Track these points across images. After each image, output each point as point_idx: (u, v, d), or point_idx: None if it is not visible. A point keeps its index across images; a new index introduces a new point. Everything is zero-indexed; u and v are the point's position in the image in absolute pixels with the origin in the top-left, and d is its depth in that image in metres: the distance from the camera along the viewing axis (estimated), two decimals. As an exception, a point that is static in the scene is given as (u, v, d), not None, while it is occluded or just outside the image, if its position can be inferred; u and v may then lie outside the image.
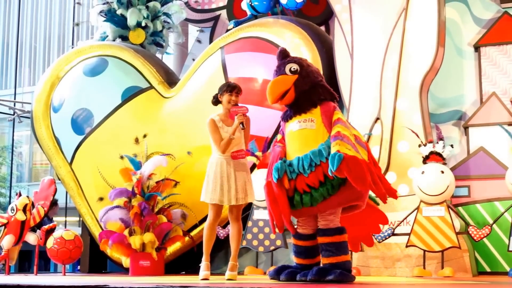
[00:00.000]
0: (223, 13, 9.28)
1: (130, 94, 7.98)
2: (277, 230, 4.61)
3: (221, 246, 7.24)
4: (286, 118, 4.70)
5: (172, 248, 7.36)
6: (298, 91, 4.59)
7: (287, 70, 4.65)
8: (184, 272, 7.80)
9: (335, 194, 4.39)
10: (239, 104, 5.30)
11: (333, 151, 4.32)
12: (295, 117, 4.62)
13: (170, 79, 8.27)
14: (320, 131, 4.54)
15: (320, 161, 4.39)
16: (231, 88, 5.33)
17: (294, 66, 4.66)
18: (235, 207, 5.27)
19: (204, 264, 5.25)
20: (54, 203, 8.03)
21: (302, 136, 4.56)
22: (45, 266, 10.81)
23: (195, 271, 7.72)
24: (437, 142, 6.46)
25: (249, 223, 6.98)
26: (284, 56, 4.76)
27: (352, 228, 4.74)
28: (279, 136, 4.80)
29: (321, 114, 4.58)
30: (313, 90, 4.64)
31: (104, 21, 8.97)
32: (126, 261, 7.16)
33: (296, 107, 4.61)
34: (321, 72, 4.86)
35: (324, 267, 4.44)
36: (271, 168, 4.59)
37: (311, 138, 4.53)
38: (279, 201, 4.49)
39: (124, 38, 8.88)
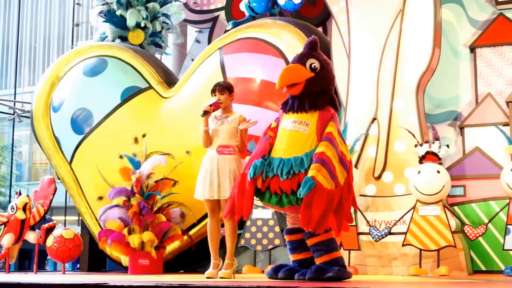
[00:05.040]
0: (222, 14, 9.30)
1: (130, 94, 8.02)
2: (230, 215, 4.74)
3: (219, 245, 7.28)
4: (286, 109, 4.72)
5: (171, 247, 7.40)
6: (307, 89, 4.61)
7: (307, 64, 4.64)
8: (182, 271, 7.84)
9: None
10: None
11: (309, 173, 4.35)
12: (293, 114, 4.65)
13: (169, 79, 8.32)
14: (311, 138, 4.56)
15: (299, 170, 4.43)
16: (212, 88, 5.45)
17: (316, 64, 4.65)
18: (223, 204, 5.27)
19: (211, 262, 5.32)
20: None
21: (292, 138, 4.59)
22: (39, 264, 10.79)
23: (194, 269, 7.80)
24: (433, 142, 6.51)
25: (248, 222, 7.03)
26: (311, 47, 4.73)
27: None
28: (273, 123, 4.81)
29: (317, 119, 4.59)
30: (321, 94, 4.66)
31: (104, 21, 9.01)
32: (125, 260, 7.21)
33: (298, 102, 4.64)
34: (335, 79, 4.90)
35: (321, 265, 4.50)
36: (251, 162, 4.62)
37: (299, 143, 4.56)
38: (246, 197, 4.55)
39: (124, 39, 8.91)
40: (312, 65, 4.65)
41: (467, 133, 7.14)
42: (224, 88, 5.41)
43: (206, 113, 5.28)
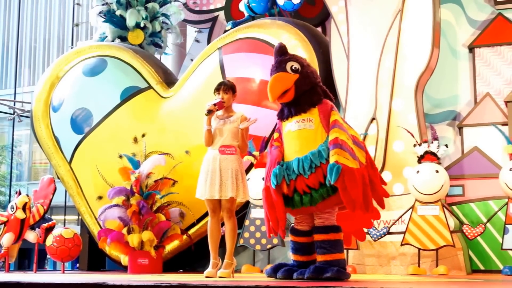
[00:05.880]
0: (221, 14, 9.31)
1: (129, 94, 8.03)
2: (272, 234, 4.72)
3: (219, 245, 7.29)
4: (283, 117, 4.74)
5: (170, 247, 7.41)
6: (298, 90, 4.62)
7: (288, 68, 4.65)
8: (182, 270, 7.85)
9: (335, 194, 4.44)
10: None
11: (331, 160, 4.36)
12: (294, 116, 4.67)
13: (169, 79, 8.33)
14: (319, 131, 4.58)
15: (320, 162, 4.44)
16: (216, 87, 5.46)
17: (296, 65, 4.67)
18: (224, 203, 5.31)
19: (211, 262, 5.33)
20: None
21: (301, 137, 4.59)
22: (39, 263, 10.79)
23: (193, 269, 7.82)
24: (432, 142, 6.52)
25: (246, 222, 7.05)
26: (282, 53, 4.74)
27: (344, 223, 4.79)
28: (276, 135, 4.82)
29: (319, 113, 4.61)
30: (312, 90, 4.67)
31: (104, 21, 9.02)
32: (124, 259, 7.22)
33: (294, 106, 4.64)
34: (318, 73, 4.91)
35: (320, 265, 4.50)
36: (269, 173, 4.62)
37: (310, 138, 4.57)
38: (276, 207, 4.54)
39: (123, 39, 8.93)
40: (293, 67, 4.67)
41: (466, 133, 7.15)
42: (229, 87, 5.43)
43: (210, 112, 5.31)
